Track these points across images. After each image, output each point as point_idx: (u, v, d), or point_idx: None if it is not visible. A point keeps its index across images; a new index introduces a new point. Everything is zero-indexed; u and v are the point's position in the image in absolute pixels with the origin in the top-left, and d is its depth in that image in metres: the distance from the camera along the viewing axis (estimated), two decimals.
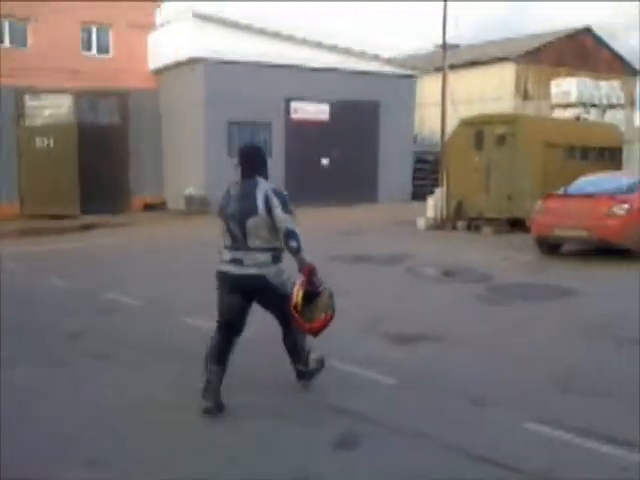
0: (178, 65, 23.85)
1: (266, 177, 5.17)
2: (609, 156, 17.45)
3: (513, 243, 14.26)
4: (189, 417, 4.99)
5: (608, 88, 30.42)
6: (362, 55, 26.22)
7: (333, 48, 25.49)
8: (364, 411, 5.04)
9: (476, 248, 13.99)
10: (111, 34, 24.70)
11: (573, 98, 28.91)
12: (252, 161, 5.18)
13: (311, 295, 5.05)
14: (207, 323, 7.64)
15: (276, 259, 5.07)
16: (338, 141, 25.09)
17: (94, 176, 22.60)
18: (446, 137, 19.52)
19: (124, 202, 24.01)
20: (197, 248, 14.96)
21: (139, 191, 24.60)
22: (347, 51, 25.75)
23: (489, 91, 35.15)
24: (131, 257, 13.76)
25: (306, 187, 23.51)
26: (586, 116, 26.54)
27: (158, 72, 25.10)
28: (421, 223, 18.04)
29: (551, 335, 7.25)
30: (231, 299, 5.12)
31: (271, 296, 5.11)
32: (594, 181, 13.20)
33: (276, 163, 24.69)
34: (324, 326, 5.15)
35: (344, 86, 24.70)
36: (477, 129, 17.42)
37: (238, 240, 5.03)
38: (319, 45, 25.09)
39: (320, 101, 24.92)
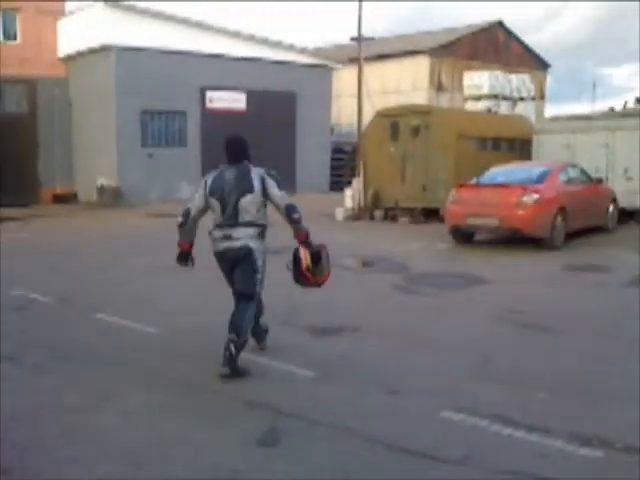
0: (89, 52, 23.13)
1: (250, 162, 5.83)
2: (520, 147, 17.95)
3: (428, 233, 14.50)
4: (102, 419, 4.81)
5: (519, 81, 31.32)
6: (279, 45, 26.10)
7: (250, 38, 25.30)
8: (283, 405, 4.98)
9: (393, 238, 14.15)
10: (19, 20, 23.70)
11: (485, 90, 29.63)
12: (240, 148, 5.86)
13: (314, 256, 5.93)
14: (121, 320, 7.48)
15: (261, 235, 5.80)
16: (256, 131, 24.89)
17: (0, 167, 21.68)
18: (363, 128, 19.65)
19: (33, 194, 23.17)
20: (107, 242, 14.58)
21: (48, 182, 23.78)
22: (264, 41, 25.59)
23: (404, 83, 35.64)
24: (39, 251, 13.24)
25: None
26: (497, 108, 27.22)
27: (68, 59, 24.28)
28: (339, 214, 18.11)
29: (465, 323, 7.38)
30: (227, 272, 5.80)
31: (248, 266, 5.69)
32: (505, 171, 13.54)
33: (192, 153, 24.36)
34: (327, 279, 6.06)
35: (261, 76, 24.55)
36: (393, 120, 17.62)
37: (230, 216, 5.64)
38: (236, 34, 24.83)
39: (236, 90, 24.67)
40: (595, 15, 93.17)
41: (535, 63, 42.06)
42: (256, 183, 5.66)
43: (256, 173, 5.71)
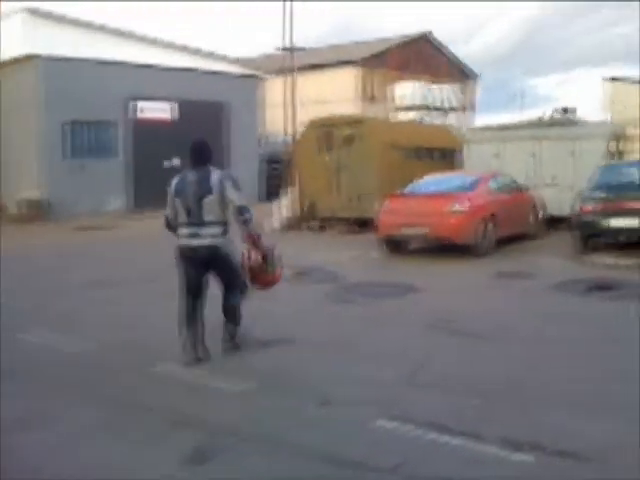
0: (13, 62, 22.47)
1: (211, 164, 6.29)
2: (450, 156, 18.28)
3: (363, 242, 14.57)
4: (26, 439, 4.62)
5: (448, 92, 32.02)
6: (210, 56, 25.96)
7: (182, 48, 25.12)
8: (214, 421, 4.89)
9: (328, 248, 14.17)
10: None
11: (416, 101, 30.17)
12: (203, 153, 6.33)
13: (264, 255, 6.37)
14: (44, 339, 7.23)
15: (225, 232, 6.19)
16: (185, 141, 24.61)
17: None
18: (296, 138, 19.69)
19: None
20: (31, 257, 14.14)
21: None
22: (196, 51, 25.42)
23: (336, 93, 35.88)
24: None
25: (154, 189, 22.90)
26: (427, 118, 27.70)
27: None
28: (274, 224, 18.04)
29: (398, 332, 7.41)
30: (190, 269, 6.18)
31: (222, 263, 6.20)
32: (436, 180, 13.75)
33: (123, 164, 23.94)
34: (280, 275, 6.62)
35: (192, 86, 24.36)
36: (325, 130, 17.70)
37: (194, 215, 6.09)
38: (168, 44, 24.59)
39: (167, 100, 24.39)
40: (522, 26, 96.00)
41: (464, 74, 43.00)
42: (215, 185, 6.08)
43: (216, 175, 6.15)
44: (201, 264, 6.17)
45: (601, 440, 4.40)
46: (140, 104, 24.04)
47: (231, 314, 6.44)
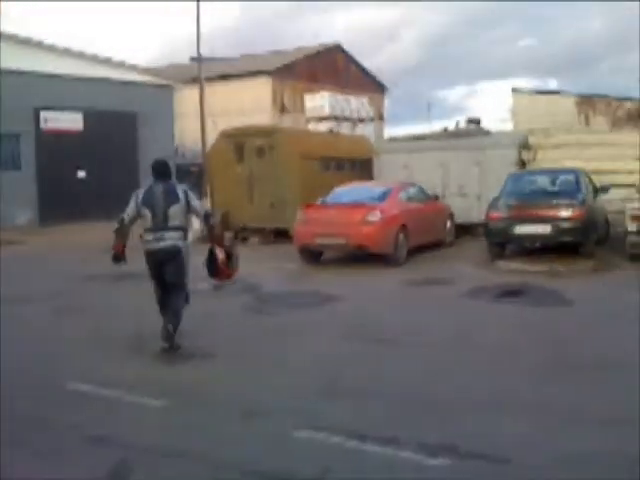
0: None
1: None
2: (361, 167, 18.51)
3: (279, 253, 14.57)
4: None
5: (358, 103, 32.44)
6: (120, 65, 25.46)
7: (92, 58, 24.53)
8: (132, 438, 4.78)
9: (243, 259, 13.96)
10: None
11: (326, 112, 30.41)
12: (165, 169, 7.34)
13: (228, 254, 7.49)
14: None
15: (185, 236, 7.20)
16: (95, 152, 24.04)
17: None
18: (207, 148, 19.50)
19: None
20: None
21: None
22: (105, 61, 24.88)
23: (247, 104, 35.80)
24: None
25: (61, 201, 22.24)
26: (339, 129, 28.00)
27: None
28: (188, 236, 17.77)
29: (316, 341, 7.45)
30: (156, 266, 7.11)
31: (177, 263, 7.10)
32: (349, 191, 13.90)
33: (27, 176, 23.09)
34: (238, 272, 7.79)
35: (100, 96, 23.80)
36: (237, 141, 17.61)
37: (160, 222, 7.02)
38: (75, 54, 23.96)
39: (74, 111, 23.70)
40: (430, 39, 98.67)
41: (374, 85, 43.77)
42: (181, 196, 7.13)
43: (180, 188, 7.23)
44: (161, 263, 7.08)
45: (512, 441, 4.55)
46: (47, 115, 23.29)
47: (174, 315, 7.04)
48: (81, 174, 24.20)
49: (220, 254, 7.44)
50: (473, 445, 4.46)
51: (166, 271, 7.10)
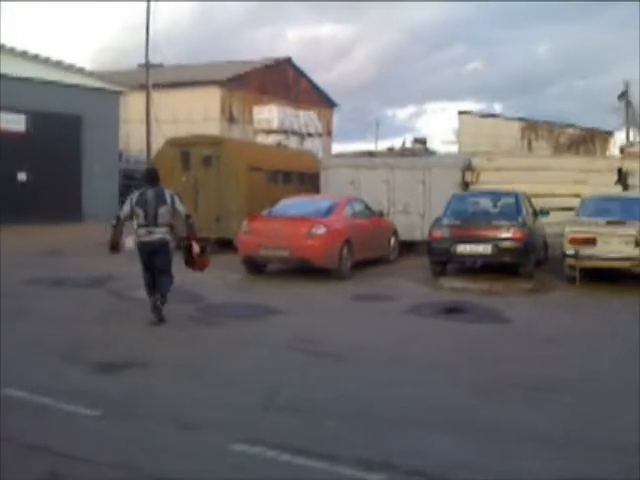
0: None
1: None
2: (308, 180, 18.54)
3: (222, 263, 14.37)
4: None
5: (306, 117, 32.59)
6: (65, 67, 24.98)
7: (33, 58, 23.96)
8: (65, 447, 4.64)
9: (186, 268, 13.86)
10: None
11: (275, 125, 30.45)
12: (155, 176, 9.11)
13: (203, 247, 9.14)
14: None
15: (171, 232, 8.86)
16: (37, 155, 23.45)
17: None
18: (152, 155, 19.26)
19: None
20: None
21: None
22: (49, 62, 24.37)
23: (196, 112, 35.55)
24: None
25: (1, 204, 21.62)
26: (287, 143, 28.05)
27: None
28: (129, 243, 17.44)
29: (257, 354, 7.41)
30: (146, 256, 8.80)
31: (164, 253, 8.78)
32: (295, 204, 13.90)
33: None
34: (209, 262, 9.40)
35: (45, 98, 23.23)
36: (183, 149, 17.42)
37: (151, 220, 8.68)
38: (18, 54, 23.40)
39: (15, 112, 23.09)
40: (382, 56, 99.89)
41: (323, 101, 44.01)
42: (168, 199, 8.81)
43: (168, 193, 8.91)
44: (151, 252, 8.73)
45: (450, 458, 4.57)
46: None
47: (162, 294, 8.66)
48: (21, 177, 23.58)
49: (196, 248, 8.94)
50: (411, 462, 4.47)
51: (156, 259, 8.71)
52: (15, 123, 23.34)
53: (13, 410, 5.32)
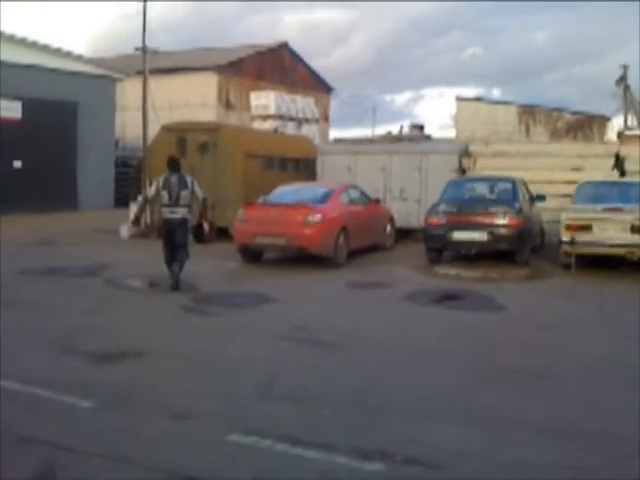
0: None
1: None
2: (305, 167, 18.48)
3: (218, 251, 14.37)
4: None
5: (304, 103, 32.39)
6: (62, 54, 24.82)
7: (32, 44, 23.81)
8: (59, 438, 4.63)
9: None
10: None
11: (271, 111, 30.26)
12: (177, 164, 10.65)
13: (211, 225, 11.16)
14: None
15: (190, 211, 10.48)
16: (33, 143, 23.34)
17: None
18: (149, 142, 19.15)
19: None
20: None
21: None
22: (46, 48, 24.21)
23: (192, 98, 35.40)
24: None
25: None
26: (284, 129, 27.90)
27: None
28: (124, 231, 17.44)
29: (253, 343, 7.39)
30: (168, 232, 10.38)
31: (184, 229, 10.40)
32: (291, 191, 13.85)
33: None
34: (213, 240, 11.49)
35: (40, 84, 23.10)
36: (179, 136, 17.34)
37: (174, 200, 10.26)
38: (14, 40, 23.22)
39: (11, 99, 22.97)
40: (379, 42, 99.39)
41: (320, 86, 43.80)
42: (189, 184, 10.44)
43: (189, 178, 10.57)
44: (173, 229, 10.32)
45: (447, 447, 4.58)
46: None
47: (179, 265, 10.26)
48: (17, 164, 23.49)
49: (206, 226, 10.83)
50: (408, 451, 4.47)
51: (176, 234, 10.29)
52: (11, 110, 23.22)
53: (7, 401, 5.31)
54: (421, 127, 24.33)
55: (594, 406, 5.42)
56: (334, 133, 43.34)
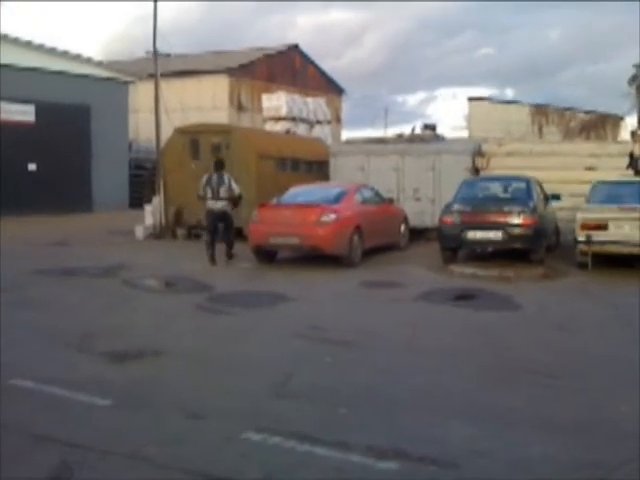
0: None
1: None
2: (317, 168, 18.51)
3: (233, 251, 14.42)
4: None
5: (315, 104, 32.43)
6: (74, 57, 24.98)
7: (41, 48, 23.95)
8: (76, 437, 4.65)
9: (196, 257, 13.91)
10: None
11: (283, 112, 30.32)
12: (222, 165, 13.42)
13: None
14: None
15: (229, 204, 13.17)
16: (47, 145, 23.52)
17: None
18: (162, 144, 19.24)
19: None
20: None
21: None
22: (58, 52, 24.35)
23: (204, 101, 35.52)
24: None
25: (11, 194, 21.71)
26: (296, 130, 27.94)
27: None
28: (139, 232, 17.53)
29: (268, 342, 7.40)
30: (212, 219, 13.17)
31: (227, 219, 13.21)
32: (304, 191, 13.87)
33: None
34: None
35: (53, 88, 23.30)
36: (192, 138, 17.43)
37: (216, 194, 13.02)
38: (27, 44, 23.41)
39: (25, 103, 23.14)
40: (392, 43, 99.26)
41: (332, 88, 43.81)
42: (227, 181, 13.08)
43: (227, 177, 13.17)
44: (216, 218, 13.12)
45: (461, 446, 4.55)
46: None
47: (228, 243, 13.17)
48: (32, 167, 23.66)
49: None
50: (422, 449, 4.45)
51: (218, 223, 13.14)
52: (24, 114, 23.40)
53: (24, 400, 5.35)
54: (433, 127, 24.26)
55: (608, 405, 5.38)
56: (346, 134, 43.35)
